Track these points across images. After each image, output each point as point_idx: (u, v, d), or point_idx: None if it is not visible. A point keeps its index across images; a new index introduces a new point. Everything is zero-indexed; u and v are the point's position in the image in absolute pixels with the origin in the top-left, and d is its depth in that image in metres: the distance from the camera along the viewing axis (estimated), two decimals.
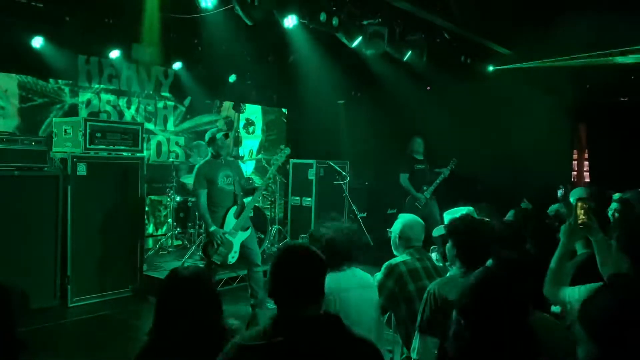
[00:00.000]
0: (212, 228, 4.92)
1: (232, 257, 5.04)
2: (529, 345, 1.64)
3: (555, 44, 7.56)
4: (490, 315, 1.69)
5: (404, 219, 3.58)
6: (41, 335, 4.66)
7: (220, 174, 5.05)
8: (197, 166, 5.17)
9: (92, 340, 4.80)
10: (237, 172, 5.26)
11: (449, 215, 3.86)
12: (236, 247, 5.04)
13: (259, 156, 9.88)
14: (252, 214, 5.32)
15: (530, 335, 1.67)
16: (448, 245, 2.87)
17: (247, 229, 5.14)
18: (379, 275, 3.30)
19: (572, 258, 2.86)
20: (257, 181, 7.16)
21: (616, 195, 4.35)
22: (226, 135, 5.22)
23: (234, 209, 5.09)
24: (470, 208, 3.91)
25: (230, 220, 5.05)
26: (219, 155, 5.10)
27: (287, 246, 2.05)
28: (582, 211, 2.60)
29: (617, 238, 2.40)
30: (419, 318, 2.65)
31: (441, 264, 3.57)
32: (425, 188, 7.70)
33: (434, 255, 3.78)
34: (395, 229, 3.50)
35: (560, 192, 6.14)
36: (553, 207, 5.19)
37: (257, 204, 7.33)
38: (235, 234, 5.03)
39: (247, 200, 5.30)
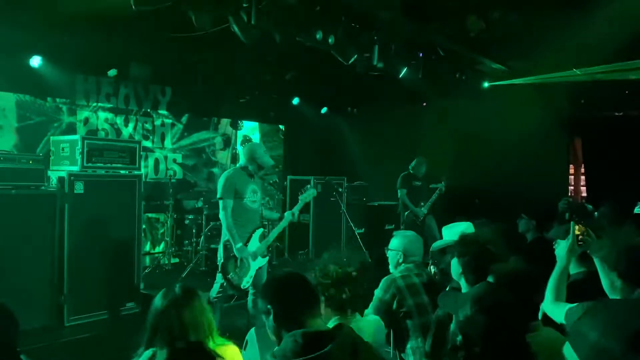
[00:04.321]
0: (239, 245, 4.55)
1: (247, 282, 4.69)
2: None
3: (550, 59, 7.63)
4: (491, 332, 1.69)
5: (403, 234, 3.58)
6: (37, 355, 4.60)
7: (249, 189, 4.74)
8: (226, 174, 4.77)
9: None
10: (262, 190, 4.99)
11: (447, 230, 3.87)
12: (252, 272, 4.70)
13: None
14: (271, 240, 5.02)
15: (526, 351, 1.68)
16: (454, 262, 2.86)
17: (265, 256, 4.84)
18: (377, 290, 3.30)
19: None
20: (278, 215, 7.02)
21: None
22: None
23: (260, 232, 4.76)
24: (469, 223, 3.92)
25: (254, 243, 4.72)
26: (250, 169, 4.75)
27: (287, 273, 2.15)
28: (579, 227, 2.62)
29: (605, 257, 2.41)
30: (429, 344, 2.56)
31: (438, 278, 3.57)
32: (422, 204, 7.81)
33: (432, 269, 3.77)
34: (395, 244, 3.49)
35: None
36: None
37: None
38: (255, 259, 4.71)
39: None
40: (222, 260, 4.66)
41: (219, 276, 4.76)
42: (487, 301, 1.78)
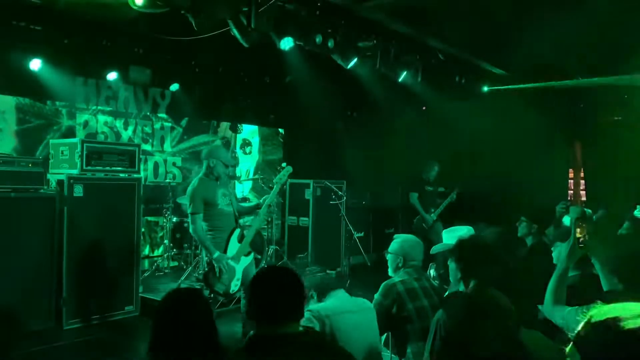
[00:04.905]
0: (217, 254, 4.49)
1: (235, 285, 4.66)
2: None
3: (549, 63, 7.65)
4: (474, 334, 1.69)
5: (404, 238, 3.57)
6: (35, 358, 4.60)
7: (218, 193, 4.68)
8: (191, 187, 4.69)
9: None
10: (232, 190, 5.03)
11: (448, 234, 3.86)
12: (238, 275, 4.66)
13: (256, 176, 9.89)
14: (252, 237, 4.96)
15: (521, 351, 1.68)
16: (452, 266, 2.85)
17: (249, 253, 4.78)
18: (376, 295, 3.29)
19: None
20: (255, 201, 7.12)
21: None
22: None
23: (237, 232, 4.70)
24: (470, 227, 3.91)
25: (234, 245, 4.67)
26: (214, 173, 4.69)
27: (268, 267, 2.19)
28: (580, 230, 2.61)
29: (606, 259, 2.40)
30: (429, 348, 2.57)
31: (437, 282, 3.57)
32: (432, 210, 7.74)
33: (431, 273, 3.77)
34: (395, 248, 3.49)
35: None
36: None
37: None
38: (238, 260, 4.66)
39: (244, 220, 5.12)
40: (203, 274, 4.64)
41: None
42: (477, 304, 1.78)
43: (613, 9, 5.50)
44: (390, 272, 3.50)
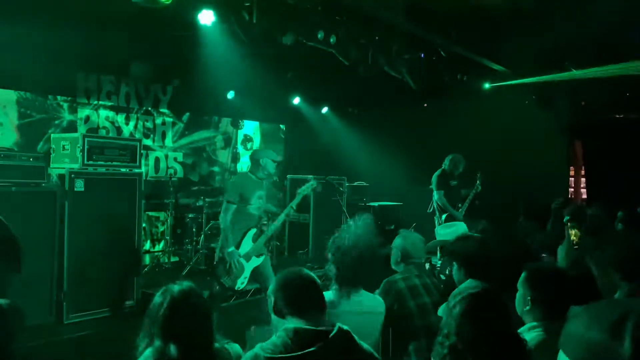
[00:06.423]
0: (230, 249, 4.68)
1: (242, 283, 4.80)
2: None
3: (551, 60, 7.64)
4: (478, 335, 1.69)
5: (405, 235, 3.58)
6: (36, 352, 4.61)
7: (255, 194, 4.85)
8: (235, 178, 5.01)
9: (87, 358, 4.74)
10: (265, 194, 5.07)
11: (441, 230, 3.85)
12: (247, 273, 4.79)
13: None
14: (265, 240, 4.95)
15: (522, 349, 1.68)
16: (454, 267, 2.84)
17: (261, 255, 4.90)
18: (378, 291, 3.29)
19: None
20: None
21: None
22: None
23: (252, 232, 4.85)
24: (462, 223, 3.90)
25: (247, 243, 4.82)
26: (264, 172, 4.92)
27: (290, 270, 2.27)
28: (573, 232, 2.62)
29: (607, 256, 2.40)
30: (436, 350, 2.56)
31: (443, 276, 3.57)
32: (460, 205, 7.44)
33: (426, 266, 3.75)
34: (397, 244, 3.50)
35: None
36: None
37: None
38: (249, 259, 4.79)
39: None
40: (215, 262, 4.79)
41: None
42: (471, 298, 1.78)
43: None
44: (392, 265, 3.51)
